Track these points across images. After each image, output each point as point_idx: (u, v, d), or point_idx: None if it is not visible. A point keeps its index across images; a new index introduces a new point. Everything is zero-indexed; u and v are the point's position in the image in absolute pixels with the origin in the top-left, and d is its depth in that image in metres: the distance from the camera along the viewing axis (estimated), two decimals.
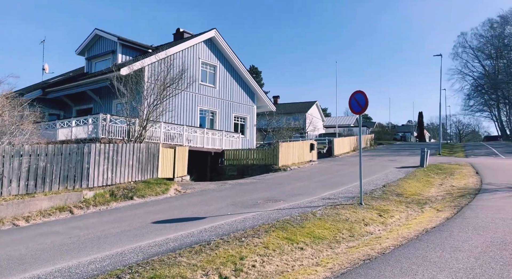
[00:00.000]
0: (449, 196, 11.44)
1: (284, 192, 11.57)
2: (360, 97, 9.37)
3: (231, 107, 22.60)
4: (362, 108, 9.37)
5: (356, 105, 9.43)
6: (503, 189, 11.69)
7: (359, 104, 9.38)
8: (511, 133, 58.83)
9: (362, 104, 9.34)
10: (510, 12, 50.48)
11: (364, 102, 9.30)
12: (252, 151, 19.32)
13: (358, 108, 9.43)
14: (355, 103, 9.45)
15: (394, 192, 11.70)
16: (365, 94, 9.33)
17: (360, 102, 9.35)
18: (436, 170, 18.06)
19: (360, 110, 9.42)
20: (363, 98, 9.32)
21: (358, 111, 9.48)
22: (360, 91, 9.44)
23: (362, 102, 9.33)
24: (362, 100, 9.32)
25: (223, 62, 22.13)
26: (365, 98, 9.29)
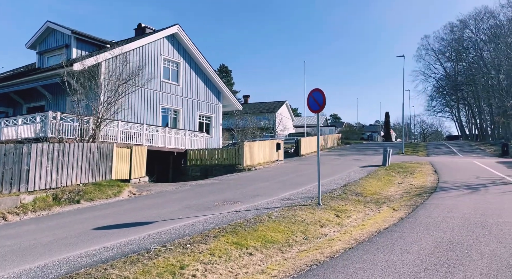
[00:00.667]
0: (407, 195, 11.55)
1: (244, 193, 11.24)
2: (317, 95, 9.18)
3: (196, 105, 22.00)
4: (320, 106, 9.19)
5: (314, 104, 9.24)
6: (458, 187, 11.96)
7: (317, 103, 9.19)
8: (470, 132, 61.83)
9: (320, 102, 9.15)
10: (469, 16, 52.91)
11: (322, 100, 9.12)
12: (216, 151, 18.86)
13: (316, 107, 9.24)
14: (313, 101, 9.25)
15: (354, 191, 11.68)
16: (322, 92, 9.16)
17: (318, 100, 9.16)
18: (398, 169, 18.40)
19: (318, 109, 9.24)
20: (320, 96, 9.14)
21: (316, 110, 9.29)
22: (317, 89, 9.26)
23: (320, 100, 9.14)
24: (320, 98, 9.14)
25: (187, 59, 21.49)
26: (323, 96, 9.11)
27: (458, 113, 65.02)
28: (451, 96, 63.93)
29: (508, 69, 39.33)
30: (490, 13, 49.40)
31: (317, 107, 9.22)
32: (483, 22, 51.28)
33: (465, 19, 53.46)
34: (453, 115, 67.83)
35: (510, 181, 12.54)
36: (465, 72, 57.45)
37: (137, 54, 18.08)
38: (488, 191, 10.67)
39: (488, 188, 11.36)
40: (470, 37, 53.66)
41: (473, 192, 10.73)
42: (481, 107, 50.75)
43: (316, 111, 9.30)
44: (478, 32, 52.21)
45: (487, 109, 51.48)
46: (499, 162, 20.44)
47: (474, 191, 10.82)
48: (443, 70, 63.66)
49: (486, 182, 12.77)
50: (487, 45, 49.85)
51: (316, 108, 9.24)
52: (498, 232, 6.16)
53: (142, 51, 18.65)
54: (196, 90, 22.08)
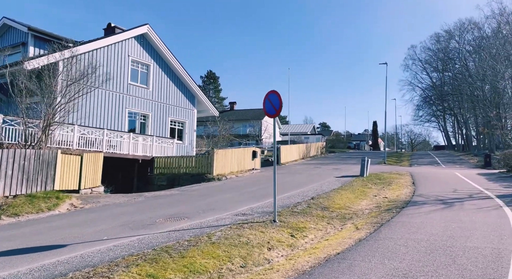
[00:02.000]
0: (377, 209, 10.65)
1: (199, 206, 10.18)
2: (274, 98, 8.22)
3: (167, 110, 20.92)
4: (276, 110, 8.22)
5: (271, 108, 8.27)
6: (432, 201, 11.10)
7: (273, 106, 8.23)
8: (457, 143, 61.77)
9: (276, 105, 8.18)
10: (454, 27, 53.15)
11: (278, 104, 8.15)
12: (185, 159, 17.75)
13: (273, 111, 8.27)
14: (270, 105, 8.29)
15: (321, 205, 10.71)
16: (278, 94, 8.20)
17: (274, 104, 8.20)
18: (375, 180, 17.55)
19: (275, 113, 8.26)
20: (277, 99, 8.18)
21: (272, 114, 8.31)
22: (274, 91, 8.31)
23: (276, 103, 8.18)
24: (276, 101, 8.18)
25: (158, 62, 20.47)
26: (279, 98, 8.15)
27: (444, 123, 65.13)
28: (437, 106, 64.04)
29: (492, 80, 39.25)
30: (475, 24, 49.65)
31: (273, 111, 8.25)
32: (468, 33, 51.57)
33: (450, 30, 53.70)
34: (440, 125, 67.95)
35: (487, 195, 11.73)
36: (451, 82, 57.62)
37: (101, 54, 17.00)
38: (462, 207, 9.80)
39: (463, 203, 10.51)
40: (456, 47, 53.88)
41: (447, 207, 9.85)
42: (466, 117, 50.71)
43: (273, 116, 8.32)
44: (463, 43, 52.45)
45: (473, 119, 51.49)
46: (480, 173, 19.77)
47: (447, 207, 9.94)
48: (429, 80, 63.86)
49: (462, 196, 11.94)
50: (472, 56, 50.02)
51: (273, 112, 8.27)
52: (463, 261, 5.22)
53: (107, 51, 17.56)
54: (168, 94, 21.02)
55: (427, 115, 67.73)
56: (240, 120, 61.13)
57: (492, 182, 15.54)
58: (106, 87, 17.11)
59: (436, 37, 57.81)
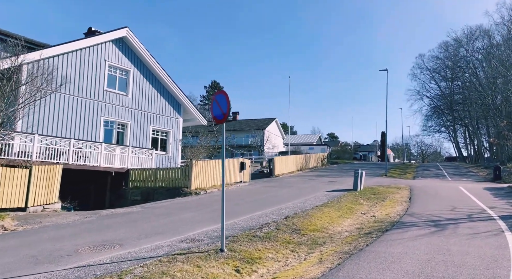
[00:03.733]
0: (357, 232, 9.15)
1: (146, 229, 8.83)
2: (221, 100, 6.89)
3: (149, 119, 19.78)
4: (224, 114, 6.88)
5: (218, 111, 6.94)
6: (422, 222, 9.51)
7: (221, 109, 6.89)
8: (468, 154, 59.18)
9: (224, 108, 6.85)
10: (462, 34, 51.42)
11: (226, 106, 6.82)
12: (161, 172, 16.47)
13: (220, 115, 6.93)
14: (217, 107, 6.96)
15: (292, 226, 9.24)
16: (226, 94, 6.87)
17: (222, 107, 6.87)
18: (369, 195, 15.99)
19: (223, 118, 6.91)
20: (225, 100, 6.85)
21: (220, 119, 6.97)
22: (222, 92, 7.00)
23: (224, 105, 6.85)
24: (224, 103, 6.85)
25: (140, 67, 19.44)
26: (227, 100, 6.81)
27: (455, 133, 62.67)
28: (447, 116, 61.84)
29: (503, 88, 37.32)
30: (485, 32, 47.85)
31: (221, 115, 6.91)
32: (477, 40, 49.76)
33: (458, 38, 51.95)
34: (450, 135, 65.49)
35: (488, 216, 10.08)
36: (460, 91, 55.57)
37: (72, 58, 16.00)
38: (456, 232, 8.21)
39: (458, 226, 8.90)
40: (465, 56, 52.00)
41: (437, 232, 8.27)
42: (475, 127, 48.51)
43: (220, 121, 6.97)
44: (473, 50, 50.63)
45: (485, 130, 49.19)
46: (486, 188, 17.95)
47: (438, 231, 8.36)
48: (438, 89, 61.86)
49: (460, 216, 10.31)
50: (482, 64, 48.10)
51: (220, 116, 6.93)
52: None
53: (82, 55, 16.56)
54: (150, 101, 19.91)
55: (437, 126, 65.47)
56: (242, 130, 59.98)
57: (498, 199, 13.80)
58: (77, 94, 16.09)
59: (445, 46, 56.11)
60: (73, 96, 15.89)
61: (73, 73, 16.05)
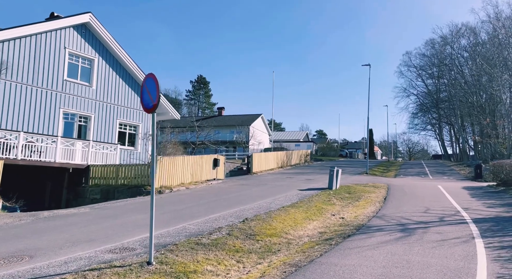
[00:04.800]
0: (318, 237, 8.33)
1: (78, 235, 7.83)
2: (150, 84, 5.89)
3: (115, 111, 18.63)
4: (154, 103, 5.87)
5: (148, 98, 5.93)
6: (390, 226, 8.73)
7: (150, 97, 5.88)
8: (453, 152, 59.22)
9: (153, 95, 5.84)
10: (449, 32, 51.15)
11: (156, 93, 5.81)
12: (123, 168, 15.39)
13: (150, 103, 5.92)
14: (147, 94, 5.94)
15: (247, 231, 8.34)
16: (155, 78, 5.85)
17: (152, 93, 5.86)
18: (344, 194, 15.24)
19: (152, 106, 5.91)
20: (154, 85, 5.84)
21: (149, 108, 5.96)
22: (150, 75, 5.99)
23: (153, 92, 5.84)
24: (153, 88, 5.84)
25: (106, 57, 18.24)
26: (157, 85, 5.80)
27: (440, 131, 62.72)
28: (432, 113, 61.83)
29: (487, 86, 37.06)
30: (471, 29, 47.62)
31: (150, 103, 5.91)
32: (464, 38, 49.56)
33: (445, 36, 51.67)
34: (436, 133, 65.56)
35: (461, 219, 9.34)
36: (446, 89, 55.44)
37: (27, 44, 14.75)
38: (423, 238, 7.42)
39: (427, 230, 8.13)
40: (451, 53, 51.78)
41: (403, 238, 7.47)
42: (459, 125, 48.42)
43: (150, 110, 5.95)
44: (458, 48, 50.43)
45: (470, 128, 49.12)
46: (465, 187, 17.37)
47: (404, 237, 7.56)
48: (424, 87, 61.72)
49: (431, 218, 9.56)
50: (467, 62, 47.93)
51: (149, 104, 5.93)
52: None
53: (35, 41, 15.25)
54: (117, 93, 18.75)
55: (423, 123, 65.51)
56: (227, 126, 58.91)
57: (474, 199, 13.16)
58: (31, 83, 14.86)
59: (431, 43, 55.86)
60: (26, 85, 14.67)
61: (27, 60, 14.81)
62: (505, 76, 35.46)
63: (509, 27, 38.98)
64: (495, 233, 7.70)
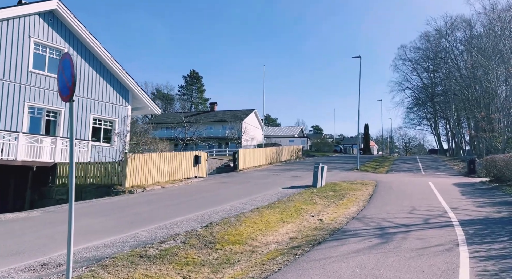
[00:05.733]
0: (286, 244, 7.44)
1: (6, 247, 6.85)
2: (67, 66, 4.85)
3: (89, 106, 17.60)
4: (69, 87, 4.82)
5: (63, 81, 4.88)
6: (367, 230, 7.83)
7: (66, 80, 4.84)
8: (449, 147, 58.47)
9: (69, 79, 4.80)
10: (444, 24, 50.18)
11: (70, 76, 4.77)
12: (93, 166, 14.42)
13: (65, 88, 4.88)
14: (62, 78, 4.88)
15: (209, 238, 7.42)
16: (71, 59, 4.81)
17: (67, 76, 4.82)
18: (328, 192, 14.36)
19: (68, 93, 4.86)
20: (69, 67, 4.81)
21: (66, 94, 4.91)
22: (66, 55, 4.94)
23: (69, 75, 4.81)
24: (69, 71, 4.81)
25: (78, 48, 17.15)
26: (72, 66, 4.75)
27: (436, 126, 61.94)
28: (428, 108, 61.05)
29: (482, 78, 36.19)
30: (467, 21, 46.64)
31: (66, 88, 4.87)
32: (459, 31, 48.60)
33: (439, 27, 50.70)
34: (432, 128, 64.78)
35: (447, 221, 8.45)
36: (441, 83, 54.58)
37: None
38: (401, 245, 6.52)
39: (408, 235, 7.24)
40: (447, 47, 50.84)
41: (378, 245, 6.57)
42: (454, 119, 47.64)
43: (66, 98, 4.89)
44: (454, 41, 49.51)
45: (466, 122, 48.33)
46: (457, 184, 16.51)
47: (380, 244, 6.66)
48: (420, 81, 60.87)
49: (415, 220, 8.68)
50: (462, 55, 47.03)
51: (65, 90, 4.88)
52: None
53: None
54: (91, 87, 17.70)
55: (419, 118, 64.76)
56: (220, 121, 57.92)
57: (465, 198, 12.28)
58: None
59: (426, 36, 54.88)
60: None
61: None
62: (501, 69, 34.60)
63: (505, 19, 38.06)
64: (482, 238, 6.81)
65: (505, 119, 28.19)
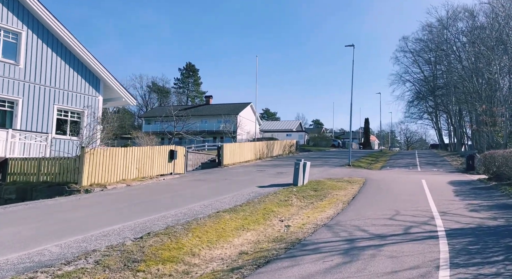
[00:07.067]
0: (228, 263, 6.08)
1: None
2: None
3: (52, 95, 16.18)
4: None
5: None
6: (332, 244, 6.43)
7: None
8: (451, 142, 56.73)
9: None
10: (446, 14, 48.23)
11: None
12: (46, 162, 13.04)
13: None
14: None
15: (133, 255, 6.04)
16: None
17: None
18: (309, 192, 12.99)
19: None
20: None
21: None
22: None
23: None
24: None
25: (38, 31, 15.69)
26: None
27: (437, 120, 60.20)
28: (429, 101, 59.28)
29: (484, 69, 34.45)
30: (470, 12, 44.69)
31: None
32: (461, 21, 46.67)
33: (441, 18, 48.74)
34: (433, 122, 63.02)
35: (432, 231, 7.02)
36: (442, 75, 52.76)
37: None
38: (367, 267, 5.12)
39: (380, 251, 5.83)
40: (448, 38, 48.93)
41: (338, 267, 5.17)
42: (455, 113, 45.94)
43: None
44: (457, 32, 47.60)
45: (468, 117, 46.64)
46: (452, 182, 15.05)
47: (341, 265, 5.26)
48: (421, 73, 59.03)
49: (394, 229, 7.26)
50: (464, 46, 45.17)
51: None
52: None
53: None
54: (55, 74, 16.26)
55: (420, 112, 63.01)
56: (215, 115, 56.48)
57: (458, 199, 10.83)
58: None
59: (429, 27, 52.92)
60: None
61: None
62: (504, 60, 32.87)
63: (510, 9, 36.19)
64: (471, 257, 5.39)
65: (507, 112, 26.56)
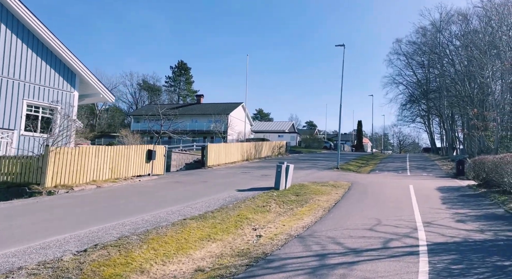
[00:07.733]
0: None
1: None
2: None
3: (21, 90, 15.22)
4: None
5: None
6: (301, 259, 5.70)
7: None
8: (443, 145, 56.46)
9: None
10: (440, 18, 47.96)
11: None
12: (6, 161, 12.12)
13: None
14: None
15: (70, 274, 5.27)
16: None
17: None
18: (289, 197, 12.25)
19: None
20: None
21: None
22: None
23: None
24: None
25: (6, 20, 14.73)
26: None
27: (429, 123, 59.94)
28: (422, 105, 59.04)
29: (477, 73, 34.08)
30: (463, 15, 44.42)
31: None
32: (455, 24, 46.41)
33: (435, 20, 48.49)
34: (426, 126, 62.79)
35: (413, 245, 6.30)
36: (435, 79, 52.50)
37: None
38: None
39: (351, 270, 5.10)
40: (441, 41, 48.66)
41: None
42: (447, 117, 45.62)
43: None
44: (449, 36, 47.34)
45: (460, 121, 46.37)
46: (440, 188, 14.41)
47: None
48: (414, 76, 58.79)
49: (372, 243, 6.53)
50: (458, 50, 44.90)
51: None
52: None
53: None
54: (24, 67, 15.31)
55: (412, 115, 62.73)
56: (206, 114, 55.57)
57: (445, 207, 10.16)
58: None
59: (422, 30, 52.65)
60: None
61: None
62: (497, 64, 32.51)
63: (503, 13, 35.92)
64: None
65: (498, 117, 26.10)
